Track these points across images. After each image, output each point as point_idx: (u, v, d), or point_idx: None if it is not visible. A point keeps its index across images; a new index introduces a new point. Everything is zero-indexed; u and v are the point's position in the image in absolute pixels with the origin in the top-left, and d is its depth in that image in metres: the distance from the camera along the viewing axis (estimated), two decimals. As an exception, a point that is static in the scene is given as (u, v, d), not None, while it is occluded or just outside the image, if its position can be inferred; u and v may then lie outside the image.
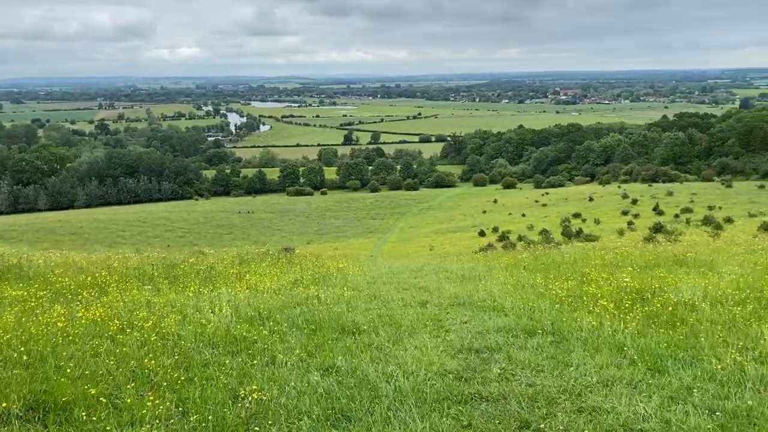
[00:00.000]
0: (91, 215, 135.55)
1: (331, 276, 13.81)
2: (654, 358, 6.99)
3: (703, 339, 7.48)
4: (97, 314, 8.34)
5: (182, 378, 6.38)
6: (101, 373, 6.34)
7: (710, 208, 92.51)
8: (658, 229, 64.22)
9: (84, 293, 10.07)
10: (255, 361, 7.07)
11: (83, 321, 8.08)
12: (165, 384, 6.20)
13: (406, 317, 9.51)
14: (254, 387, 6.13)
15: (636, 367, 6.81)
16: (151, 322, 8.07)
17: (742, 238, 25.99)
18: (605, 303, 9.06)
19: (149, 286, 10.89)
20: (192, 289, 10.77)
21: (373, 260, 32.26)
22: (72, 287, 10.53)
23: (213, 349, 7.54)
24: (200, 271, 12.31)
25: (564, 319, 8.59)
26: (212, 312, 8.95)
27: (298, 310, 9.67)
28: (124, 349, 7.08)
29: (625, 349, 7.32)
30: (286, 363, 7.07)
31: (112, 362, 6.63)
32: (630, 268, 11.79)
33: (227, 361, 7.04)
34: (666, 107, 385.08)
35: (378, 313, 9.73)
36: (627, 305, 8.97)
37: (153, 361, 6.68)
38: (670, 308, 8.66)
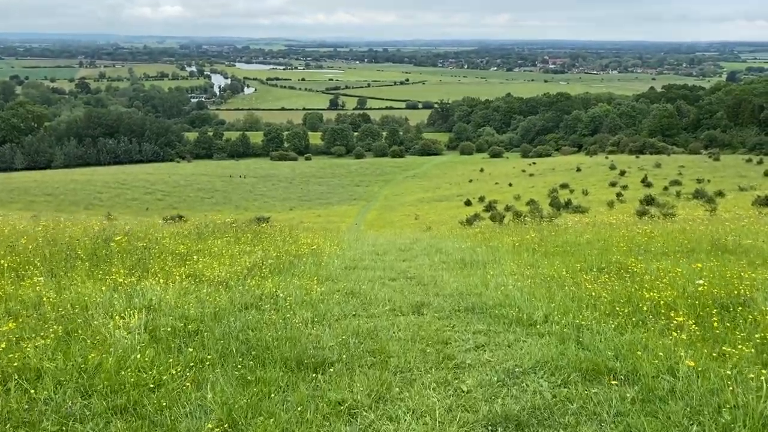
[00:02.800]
0: (68, 176, 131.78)
1: (301, 258, 11.13)
2: None
3: None
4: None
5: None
6: None
7: (699, 181, 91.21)
8: (649, 201, 62.63)
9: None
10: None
11: None
12: None
13: (395, 337, 6.74)
14: None
15: None
16: (4, 345, 5.28)
17: (747, 214, 24.20)
18: (681, 319, 6.27)
19: (58, 274, 8.18)
20: (115, 277, 8.10)
21: (355, 231, 30.08)
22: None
23: (83, 401, 4.71)
24: (137, 250, 9.74)
25: (636, 351, 5.62)
26: (120, 320, 6.28)
27: (240, 321, 6.91)
28: None
29: None
30: None
31: None
32: (673, 256, 9.60)
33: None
34: (653, 79, 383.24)
35: (355, 329, 6.98)
36: (715, 323, 6.17)
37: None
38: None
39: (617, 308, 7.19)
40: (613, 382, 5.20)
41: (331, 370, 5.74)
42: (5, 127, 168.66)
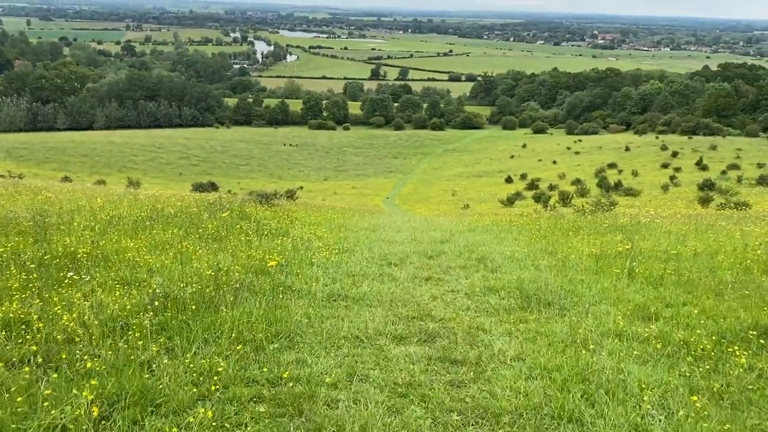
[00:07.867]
0: (106, 137, 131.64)
1: (264, 273, 7.27)
2: None
3: None
4: None
5: None
6: None
7: (759, 165, 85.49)
8: (709, 186, 58.08)
9: None
10: None
11: None
12: None
13: None
14: None
15: None
16: None
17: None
18: None
19: None
20: None
21: (389, 207, 27.17)
22: None
23: None
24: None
25: None
26: None
27: None
28: None
29: None
30: None
31: None
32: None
33: None
34: (708, 57, 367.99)
35: None
36: None
37: None
38: None
39: None
40: None
41: None
42: (49, 86, 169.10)
